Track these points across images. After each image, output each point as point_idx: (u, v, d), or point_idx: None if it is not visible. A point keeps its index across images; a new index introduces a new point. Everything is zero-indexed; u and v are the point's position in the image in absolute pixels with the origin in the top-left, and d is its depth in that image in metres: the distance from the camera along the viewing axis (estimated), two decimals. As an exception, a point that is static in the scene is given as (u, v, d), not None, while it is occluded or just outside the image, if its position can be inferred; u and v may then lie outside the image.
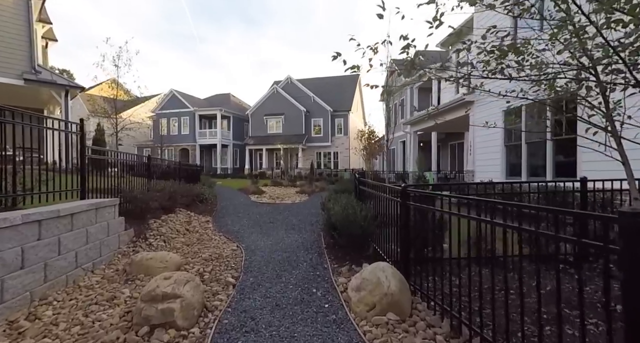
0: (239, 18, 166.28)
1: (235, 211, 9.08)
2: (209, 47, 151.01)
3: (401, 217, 3.38)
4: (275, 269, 4.13)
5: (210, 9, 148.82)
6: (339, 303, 3.09)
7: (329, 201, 6.91)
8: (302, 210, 9.30)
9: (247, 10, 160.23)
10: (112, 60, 9.13)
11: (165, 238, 5.30)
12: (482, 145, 9.80)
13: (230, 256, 4.74)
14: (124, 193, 5.46)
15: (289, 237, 6.08)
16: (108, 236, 4.15)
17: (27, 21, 11.17)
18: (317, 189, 14.85)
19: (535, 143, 7.74)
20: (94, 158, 4.89)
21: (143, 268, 3.64)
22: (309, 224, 7.36)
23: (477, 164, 10.03)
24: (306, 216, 8.35)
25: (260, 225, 7.34)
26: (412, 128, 16.01)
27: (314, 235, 6.28)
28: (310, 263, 4.38)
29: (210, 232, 6.41)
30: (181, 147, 31.52)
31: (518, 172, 8.29)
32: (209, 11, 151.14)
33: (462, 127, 14.19)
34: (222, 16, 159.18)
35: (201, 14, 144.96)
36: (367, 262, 4.06)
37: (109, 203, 4.22)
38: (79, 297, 3.05)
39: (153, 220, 5.78)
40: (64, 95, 11.94)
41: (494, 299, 2.07)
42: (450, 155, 20.09)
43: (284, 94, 29.72)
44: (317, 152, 29.65)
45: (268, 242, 5.76)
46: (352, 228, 4.18)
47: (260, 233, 6.51)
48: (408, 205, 3.24)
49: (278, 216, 8.39)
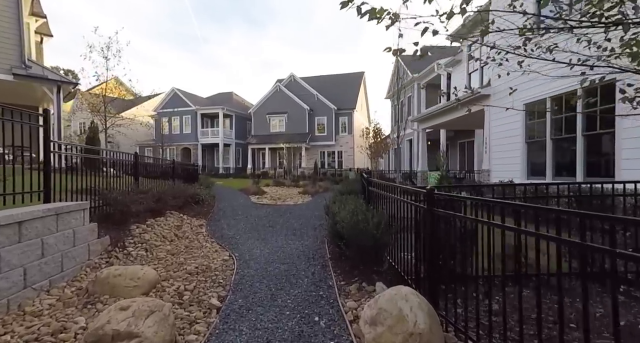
0: (242, 18, 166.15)
1: (233, 213, 8.44)
2: (212, 47, 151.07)
3: (425, 226, 2.70)
4: (271, 287, 3.47)
5: (214, 9, 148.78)
6: (348, 340, 2.41)
7: (333, 203, 6.23)
8: (305, 212, 8.64)
9: (250, 10, 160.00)
10: (100, 51, 8.51)
11: (148, 246, 4.66)
12: (500, 143, 9.04)
13: (219, 268, 4.08)
14: (103, 195, 4.83)
15: (289, 244, 5.41)
16: (74, 247, 3.51)
17: (16, 14, 10.64)
18: (320, 189, 14.17)
19: (563, 139, 6.98)
20: (76, 156, 4.26)
21: (109, 288, 2.99)
22: (312, 228, 6.69)
23: (494, 163, 9.27)
24: (309, 219, 7.68)
25: (259, 229, 6.68)
26: (420, 125, 15.25)
27: (317, 241, 5.60)
28: (312, 278, 3.71)
29: (201, 238, 5.76)
30: (183, 147, 31.01)
31: (541, 171, 7.53)
32: (212, 12, 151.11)
33: (474, 124, 13.42)
34: (225, 17, 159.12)
35: (205, 14, 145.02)
36: (380, 280, 3.38)
37: (75, 207, 3.59)
38: (17, 330, 2.40)
39: (136, 225, 5.14)
40: (55, 92, 11.40)
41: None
42: (459, 154, 19.30)
43: (287, 92, 29.06)
44: (321, 151, 28.95)
45: (265, 250, 5.09)
46: (362, 238, 3.50)
47: (258, 239, 5.86)
48: (435, 212, 2.55)
49: (278, 219, 7.74)
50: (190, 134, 30.75)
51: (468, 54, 13.32)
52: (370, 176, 5.98)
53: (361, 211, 3.75)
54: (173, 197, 7.35)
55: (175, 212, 7.06)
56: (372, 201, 4.78)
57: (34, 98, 13.38)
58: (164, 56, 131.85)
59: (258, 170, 28.04)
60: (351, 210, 3.75)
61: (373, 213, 3.72)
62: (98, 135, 11.36)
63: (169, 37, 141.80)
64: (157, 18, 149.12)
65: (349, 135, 28.60)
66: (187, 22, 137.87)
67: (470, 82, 13.31)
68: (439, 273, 2.60)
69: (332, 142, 28.47)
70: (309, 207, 9.55)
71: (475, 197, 2.37)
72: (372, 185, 4.72)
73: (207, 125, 31.44)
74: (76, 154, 4.80)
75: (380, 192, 4.10)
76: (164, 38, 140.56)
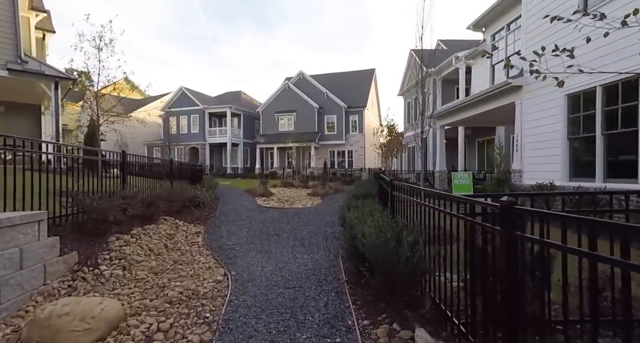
0: (251, 19, 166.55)
1: (236, 218, 7.66)
2: (221, 48, 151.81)
3: (496, 255, 1.82)
4: (271, 328, 2.62)
5: (223, 10, 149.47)
6: None
7: (348, 210, 5.37)
8: (315, 217, 7.79)
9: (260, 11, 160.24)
10: (92, 40, 7.81)
11: (128, 263, 3.88)
12: (534, 140, 8.00)
13: (209, 294, 3.26)
14: (78, 201, 4.08)
15: (297, 259, 4.56)
16: (20, 270, 2.75)
17: (11, 6, 10.11)
18: (331, 191, 13.31)
19: (619, 135, 5.95)
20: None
21: (49, 333, 2.20)
22: (323, 238, 5.84)
23: (527, 163, 8.23)
24: (319, 225, 6.83)
25: (262, 238, 5.87)
26: (438, 122, 14.22)
27: (329, 255, 4.75)
28: (326, 313, 2.85)
29: (195, 250, 4.97)
30: (191, 146, 30.56)
31: (589, 172, 6.49)
32: (222, 13, 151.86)
33: (499, 121, 12.32)
34: (235, 17, 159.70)
35: (214, 15, 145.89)
36: (416, 318, 2.51)
37: (23, 219, 2.82)
38: None
39: (117, 236, 4.37)
40: (53, 88, 10.85)
41: None
42: (478, 154, 18.16)
43: (296, 90, 28.25)
44: (331, 151, 28.05)
45: (268, 266, 4.27)
46: (391, 261, 2.63)
47: (261, 251, 5.04)
48: (517, 237, 1.67)
49: (285, 225, 6.91)
50: (198, 133, 30.28)
51: (492, 44, 12.23)
52: (384, 176, 5.09)
53: (389, 226, 2.87)
54: (168, 200, 6.60)
55: (169, 218, 6.31)
56: (397, 209, 3.90)
57: (34, 95, 12.90)
58: (173, 57, 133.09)
59: (266, 170, 27.34)
60: (377, 226, 2.87)
61: (401, 228, 2.84)
62: (97, 133, 10.79)
63: (179, 38, 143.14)
64: (166, 19, 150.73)
65: (360, 134, 27.62)
66: (197, 23, 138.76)
67: (494, 75, 12.23)
68: (513, 318, 1.71)
69: (342, 141, 27.54)
70: (319, 211, 8.70)
71: (594, 219, 1.47)
72: (398, 189, 3.83)
73: (214, 125, 30.92)
74: (36, 151, 4.04)
75: (411, 199, 3.21)
76: (174, 39, 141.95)
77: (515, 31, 10.53)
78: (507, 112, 9.53)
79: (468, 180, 7.86)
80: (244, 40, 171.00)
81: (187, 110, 30.37)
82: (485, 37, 12.69)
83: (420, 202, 2.87)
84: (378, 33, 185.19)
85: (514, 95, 8.70)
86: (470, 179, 7.85)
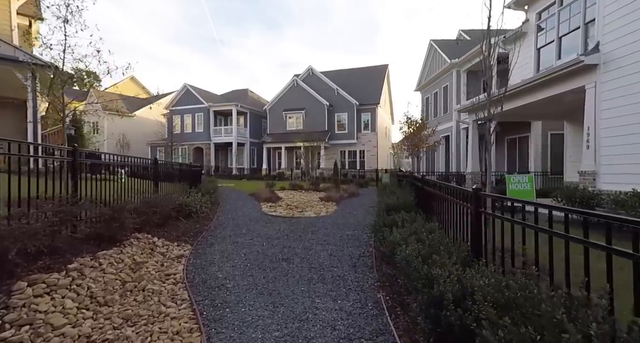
0: (259, 20, 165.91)
1: (234, 232, 6.08)
2: (229, 49, 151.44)
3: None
4: None
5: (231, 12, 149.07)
6: None
7: (390, 232, 3.75)
8: (333, 231, 6.16)
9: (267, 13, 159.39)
10: (56, 10, 6.16)
11: (32, 333, 2.30)
12: (617, 133, 6.22)
13: None
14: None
15: (317, 312, 2.94)
16: None
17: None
18: (345, 195, 11.65)
19: None
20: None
21: None
22: (350, 266, 4.21)
23: (605, 163, 6.44)
24: (341, 245, 5.21)
25: (266, 267, 4.26)
26: (470, 116, 12.45)
27: (363, 296, 3.14)
28: None
29: (168, 291, 3.38)
30: (195, 146, 29.22)
31: None
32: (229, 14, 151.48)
33: (553, 113, 10.50)
34: (242, 19, 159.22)
35: (221, 17, 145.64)
36: None
37: None
38: None
39: (31, 279, 2.78)
40: (30, 78, 9.43)
41: None
42: (508, 153, 16.25)
43: (305, 87, 26.65)
44: (341, 151, 26.34)
45: (273, 326, 2.66)
46: None
47: (263, 292, 3.43)
48: None
49: (297, 244, 5.30)
50: (202, 132, 28.92)
51: (536, 25, 10.42)
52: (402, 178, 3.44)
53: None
54: (144, 211, 5.04)
55: (144, 236, 4.75)
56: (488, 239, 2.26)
57: (17, 88, 11.54)
58: (181, 59, 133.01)
59: (274, 170, 25.80)
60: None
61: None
62: (82, 130, 9.36)
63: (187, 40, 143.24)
64: (175, 21, 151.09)
65: (372, 133, 25.87)
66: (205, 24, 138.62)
67: (539, 59, 10.41)
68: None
69: (354, 140, 25.84)
70: (336, 221, 7.07)
71: None
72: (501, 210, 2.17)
73: (220, 124, 29.53)
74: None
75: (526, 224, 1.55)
76: (182, 41, 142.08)
77: (572, 4, 8.73)
78: (571, 102, 7.75)
79: (529, 185, 6.14)
80: (252, 42, 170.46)
81: (191, 108, 29.04)
82: (528, 16, 10.88)
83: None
84: (389, 31, 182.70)
85: (583, 78, 6.92)
86: (531, 184, 6.13)
